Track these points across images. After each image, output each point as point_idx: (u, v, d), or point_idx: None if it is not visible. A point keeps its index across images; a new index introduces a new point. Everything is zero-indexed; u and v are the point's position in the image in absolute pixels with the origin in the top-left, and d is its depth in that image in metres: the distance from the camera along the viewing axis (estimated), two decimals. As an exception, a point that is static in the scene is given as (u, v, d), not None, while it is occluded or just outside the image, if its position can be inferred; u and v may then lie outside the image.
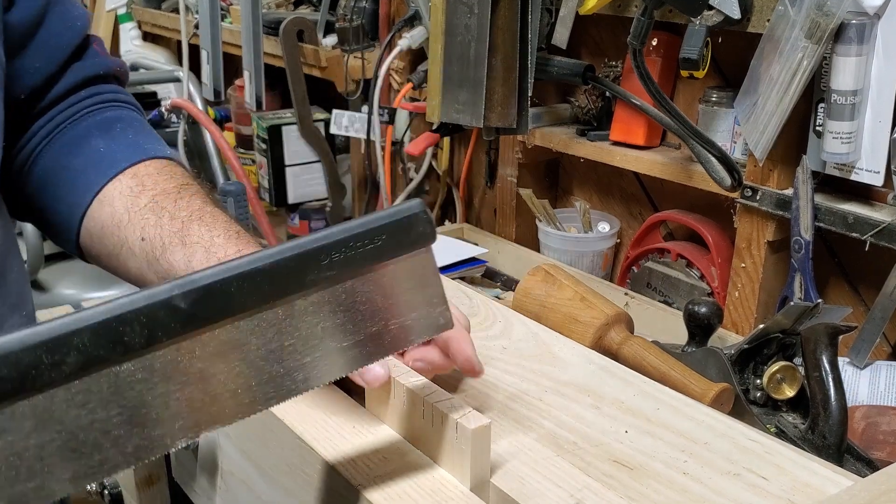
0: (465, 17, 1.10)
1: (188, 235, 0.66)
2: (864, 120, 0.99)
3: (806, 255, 1.05)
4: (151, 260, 0.66)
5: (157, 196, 0.68)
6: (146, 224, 0.67)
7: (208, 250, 0.64)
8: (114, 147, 0.72)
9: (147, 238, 0.67)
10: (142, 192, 0.69)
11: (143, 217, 0.67)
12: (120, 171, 0.70)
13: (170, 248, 0.65)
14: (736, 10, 1.02)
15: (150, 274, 0.68)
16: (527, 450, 0.60)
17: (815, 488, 0.56)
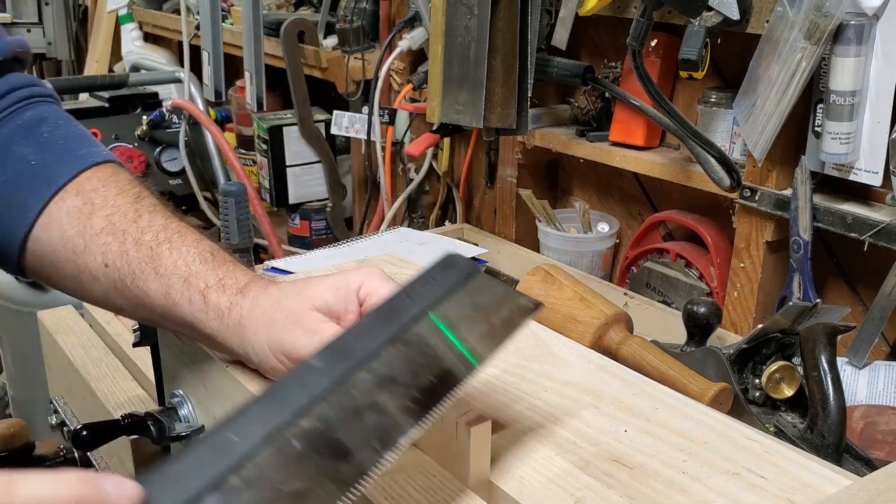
0: (465, 18, 1.11)
1: (160, 264, 0.63)
2: (863, 120, 0.99)
3: (805, 256, 1.05)
4: (121, 287, 0.64)
5: (111, 217, 0.64)
6: (108, 250, 0.64)
7: (187, 280, 0.63)
8: (46, 158, 0.65)
9: (112, 265, 0.64)
10: (92, 212, 0.64)
11: (103, 242, 0.64)
12: (59, 187, 0.65)
13: (141, 277, 0.63)
14: (735, 11, 1.02)
15: (119, 300, 0.65)
16: (527, 449, 0.60)
17: (814, 488, 0.56)
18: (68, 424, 0.97)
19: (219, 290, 0.63)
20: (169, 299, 0.63)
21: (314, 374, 0.48)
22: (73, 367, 1.01)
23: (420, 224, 1.74)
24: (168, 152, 2.04)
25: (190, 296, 0.63)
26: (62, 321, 1.11)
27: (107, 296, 0.65)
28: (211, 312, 0.63)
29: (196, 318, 0.63)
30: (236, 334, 0.62)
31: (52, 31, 3.15)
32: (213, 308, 0.63)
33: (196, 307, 0.63)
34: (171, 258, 0.63)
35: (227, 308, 0.62)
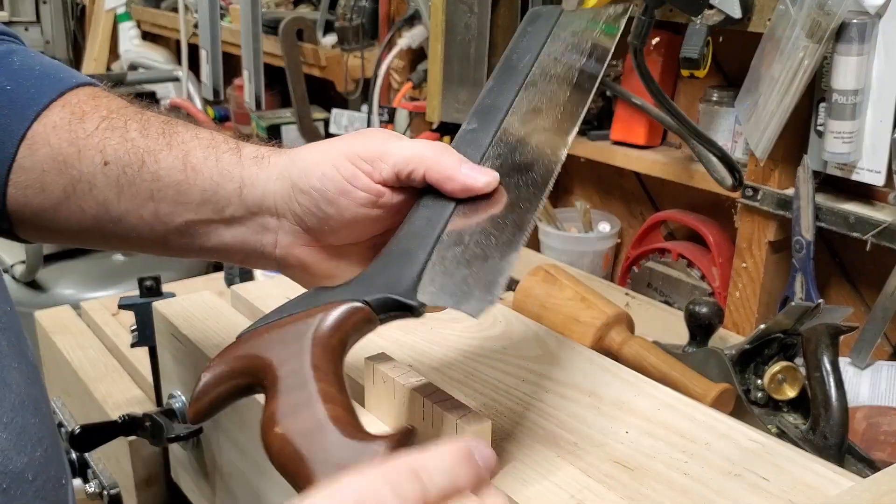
0: (465, 16, 1.10)
1: (176, 135, 0.54)
2: (866, 119, 0.98)
3: (807, 255, 1.04)
4: (125, 183, 0.54)
5: (109, 115, 0.56)
6: (107, 145, 0.54)
7: (212, 143, 0.54)
8: (22, 83, 0.56)
9: (113, 160, 0.54)
10: (84, 117, 0.56)
11: (101, 139, 0.54)
12: (42, 107, 0.56)
13: (151, 158, 0.54)
14: (737, 10, 1.02)
15: (119, 205, 0.55)
16: (527, 450, 0.60)
17: (816, 489, 0.56)
18: (66, 425, 0.97)
19: (256, 144, 0.56)
20: (188, 168, 0.53)
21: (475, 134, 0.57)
22: (70, 368, 1.00)
23: (420, 223, 1.73)
24: (167, 151, 2.03)
25: (217, 155, 0.54)
26: (60, 321, 1.11)
27: (107, 206, 0.55)
28: (246, 159, 0.54)
29: (223, 177, 0.53)
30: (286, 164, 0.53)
31: (50, 30, 3.15)
32: (250, 154, 0.54)
33: (225, 162, 0.54)
34: (187, 130, 0.55)
35: (269, 152, 0.55)
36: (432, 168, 0.52)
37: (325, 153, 0.53)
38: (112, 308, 1.10)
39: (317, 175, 0.52)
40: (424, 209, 0.52)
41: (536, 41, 0.63)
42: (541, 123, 0.60)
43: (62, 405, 1.03)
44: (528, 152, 0.57)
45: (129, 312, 0.82)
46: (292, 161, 0.54)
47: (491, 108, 0.59)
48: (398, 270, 0.47)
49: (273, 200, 0.54)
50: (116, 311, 1.08)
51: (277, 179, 0.53)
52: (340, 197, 0.52)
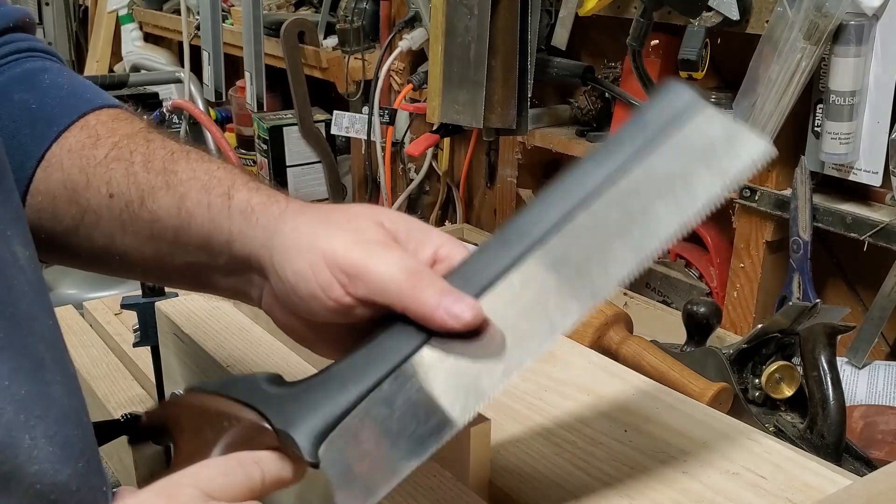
0: (465, 18, 1.11)
1: (173, 176, 0.53)
2: (863, 120, 0.99)
3: (804, 255, 1.05)
4: (127, 220, 0.53)
5: (119, 142, 0.55)
6: (112, 177, 0.53)
7: (206, 186, 0.52)
8: (48, 101, 0.56)
9: (117, 194, 0.53)
10: (97, 142, 0.55)
11: (108, 170, 0.54)
12: (63, 128, 0.55)
13: (151, 196, 0.53)
14: (735, 12, 1.02)
15: (124, 238, 0.54)
16: (527, 449, 0.60)
17: (814, 487, 0.56)
18: (68, 424, 0.97)
19: (248, 190, 0.52)
20: (183, 212, 0.52)
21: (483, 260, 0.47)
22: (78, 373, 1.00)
23: (420, 224, 1.74)
24: (168, 152, 2.04)
25: (209, 200, 0.51)
26: (62, 321, 1.10)
27: (113, 240, 0.54)
28: (235, 210, 0.51)
29: (214, 226, 0.51)
30: (269, 236, 0.50)
31: (53, 31, 3.15)
32: (239, 205, 0.51)
33: (216, 210, 0.51)
34: (187, 168, 0.53)
35: (259, 205, 0.51)
36: (409, 307, 0.46)
37: (305, 245, 0.48)
38: (114, 308, 1.10)
39: (291, 269, 0.48)
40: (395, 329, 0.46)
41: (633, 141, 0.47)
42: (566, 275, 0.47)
43: (65, 405, 1.03)
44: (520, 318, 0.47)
45: (132, 312, 0.82)
46: (276, 233, 0.50)
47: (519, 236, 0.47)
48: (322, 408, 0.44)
49: (258, 264, 0.51)
50: (119, 310, 1.08)
51: (262, 247, 0.50)
52: (311, 300, 0.48)
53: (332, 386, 0.45)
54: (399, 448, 0.44)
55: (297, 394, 0.45)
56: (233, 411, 0.44)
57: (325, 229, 0.48)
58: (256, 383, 0.46)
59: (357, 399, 0.44)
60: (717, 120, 0.47)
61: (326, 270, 0.47)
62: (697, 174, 0.46)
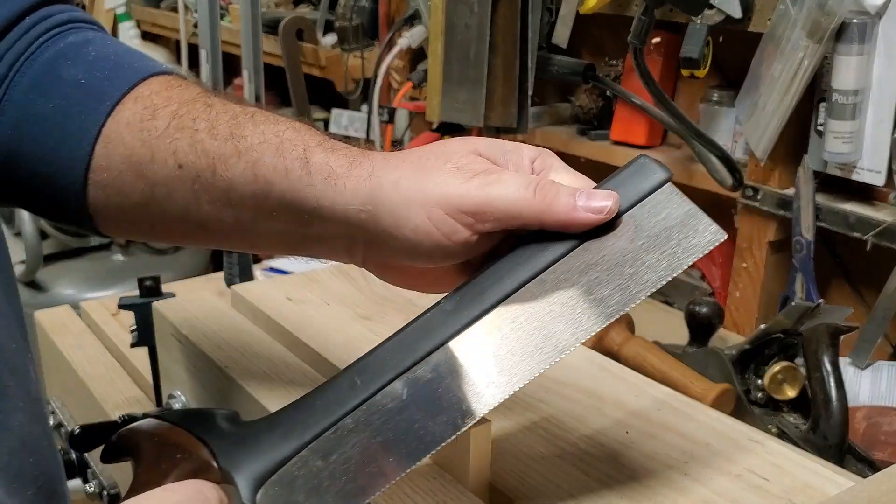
0: (465, 16, 1.10)
1: (243, 141, 0.51)
2: (866, 119, 0.98)
3: (807, 255, 1.04)
4: (201, 188, 0.51)
5: (178, 110, 0.53)
6: (178, 147, 0.52)
7: (279, 148, 0.50)
8: (97, 74, 0.55)
9: (186, 164, 0.51)
10: (156, 113, 0.53)
11: (172, 140, 0.52)
12: (116, 101, 0.54)
13: (223, 164, 0.51)
14: (737, 9, 1.02)
15: (200, 208, 0.52)
16: (527, 450, 0.60)
17: (817, 489, 0.56)
18: (65, 425, 0.97)
19: (325, 150, 0.50)
20: (260, 179, 0.50)
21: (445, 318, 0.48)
22: (69, 368, 1.00)
23: (420, 223, 1.73)
24: (167, 151, 2.04)
25: (286, 165, 0.49)
26: (59, 321, 1.11)
27: (188, 210, 0.52)
28: (317, 176, 0.49)
29: (297, 193, 0.49)
30: (367, 199, 0.48)
31: (51, 30, 3.14)
32: (320, 170, 0.49)
33: (294, 176, 0.49)
34: (255, 131, 0.51)
35: (341, 168, 0.49)
36: (546, 219, 0.46)
37: (414, 199, 0.47)
38: (112, 308, 1.10)
39: (409, 227, 0.47)
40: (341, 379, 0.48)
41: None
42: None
43: (62, 405, 1.03)
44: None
45: (129, 312, 0.82)
46: (375, 195, 0.48)
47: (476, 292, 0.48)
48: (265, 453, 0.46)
49: (360, 228, 0.49)
50: (116, 311, 1.07)
51: (361, 211, 0.48)
52: (435, 250, 0.47)
53: (277, 432, 0.47)
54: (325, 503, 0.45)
55: (247, 435, 0.47)
56: (188, 445, 0.46)
57: (429, 178, 0.47)
58: (214, 419, 0.48)
59: (297, 448, 0.46)
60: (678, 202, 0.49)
61: (448, 218, 0.46)
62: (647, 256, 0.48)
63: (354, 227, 0.49)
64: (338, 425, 0.47)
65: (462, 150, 0.48)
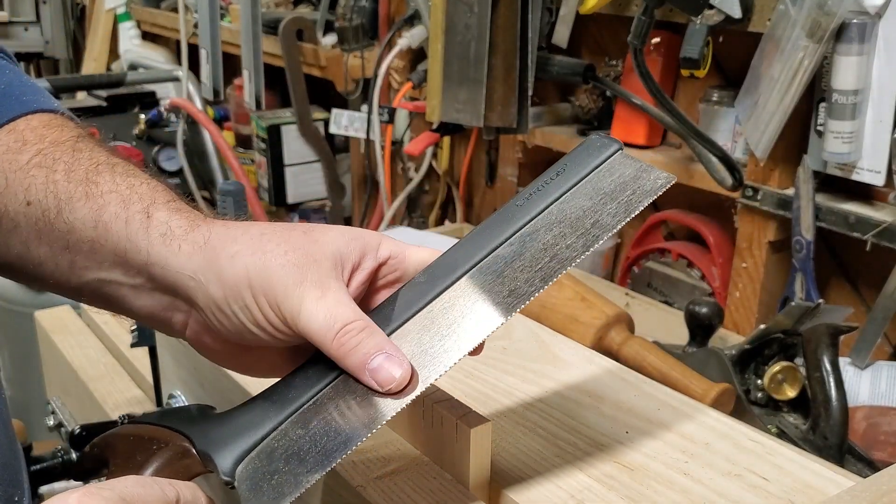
0: (465, 16, 1.10)
1: (94, 187, 0.51)
2: (866, 119, 0.98)
3: (807, 255, 1.04)
4: (42, 228, 0.51)
5: (45, 149, 0.53)
6: (32, 183, 0.52)
7: (127, 200, 0.50)
8: None
9: (35, 202, 0.51)
10: (23, 147, 0.53)
11: (28, 176, 0.52)
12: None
13: (68, 206, 0.51)
14: (737, 10, 1.02)
15: (39, 248, 0.52)
16: (527, 450, 0.60)
17: (817, 489, 0.56)
18: (66, 425, 0.97)
19: (169, 210, 0.50)
20: (100, 225, 0.50)
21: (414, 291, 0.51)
22: (70, 368, 1.00)
23: (420, 223, 1.74)
24: (166, 151, 2.04)
25: (127, 215, 0.50)
26: (59, 321, 1.11)
27: (25, 246, 0.53)
28: (154, 232, 0.49)
29: (131, 244, 0.50)
30: (200, 268, 0.49)
31: (50, 30, 3.14)
32: (158, 228, 0.49)
33: (133, 228, 0.50)
34: (110, 180, 0.51)
35: (180, 229, 0.49)
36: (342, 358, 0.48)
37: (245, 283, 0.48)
38: (112, 308, 1.10)
39: (238, 304, 0.48)
40: (318, 357, 0.49)
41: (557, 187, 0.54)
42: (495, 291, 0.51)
43: (62, 405, 1.03)
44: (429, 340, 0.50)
45: (129, 312, 0.82)
46: (209, 265, 0.48)
47: (451, 267, 0.52)
48: (243, 433, 0.47)
49: (186, 294, 0.50)
50: (116, 311, 1.07)
51: (191, 279, 0.49)
52: (255, 330, 0.48)
53: (255, 412, 0.48)
54: (306, 463, 0.46)
55: (223, 420, 0.48)
56: (162, 436, 0.48)
57: (264, 264, 0.48)
58: (189, 412, 0.50)
59: (276, 425, 0.47)
60: (630, 163, 0.54)
61: (271, 312, 0.48)
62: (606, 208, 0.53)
63: (182, 292, 0.50)
64: (318, 396, 0.48)
65: (301, 247, 0.49)
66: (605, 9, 1.18)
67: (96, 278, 0.52)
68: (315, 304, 0.47)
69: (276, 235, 0.49)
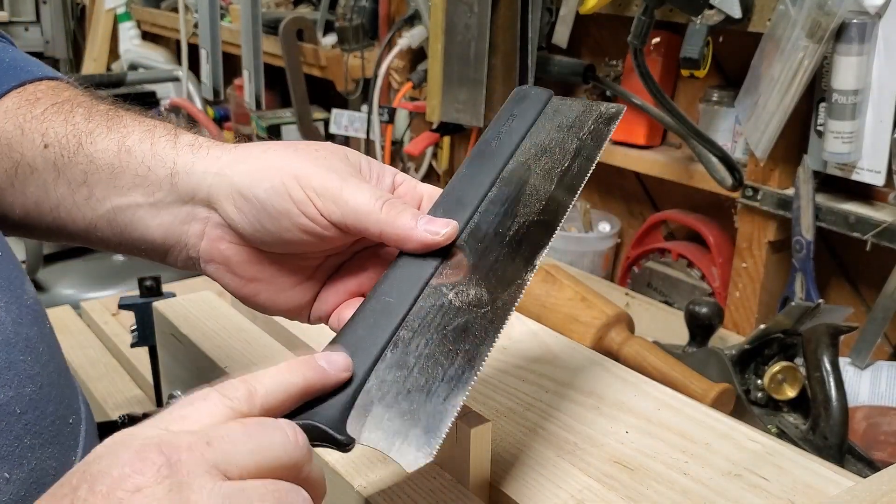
0: (465, 16, 1.10)
1: (118, 119, 0.53)
2: (866, 119, 0.98)
3: (807, 255, 1.04)
4: (61, 166, 0.53)
5: (61, 102, 0.55)
6: (49, 127, 0.53)
7: (151, 129, 0.52)
8: None
9: (52, 143, 0.53)
10: (36, 102, 0.55)
11: (45, 121, 0.53)
12: (1, 94, 0.56)
13: (88, 140, 0.52)
14: (737, 10, 1.02)
15: (56, 189, 0.53)
16: (527, 450, 0.60)
17: (817, 489, 0.56)
18: (65, 424, 0.97)
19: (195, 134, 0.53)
20: (122, 151, 0.52)
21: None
22: (70, 368, 1.00)
23: (420, 223, 1.73)
24: (167, 151, 2.04)
25: (153, 139, 0.52)
26: (59, 321, 1.11)
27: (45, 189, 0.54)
28: (182, 144, 0.52)
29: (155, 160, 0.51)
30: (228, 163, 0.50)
31: (50, 30, 3.15)
32: (187, 140, 0.52)
33: (159, 146, 0.52)
34: (128, 117, 0.53)
35: (207, 142, 0.52)
36: (386, 231, 0.48)
37: (276, 165, 0.49)
38: (112, 308, 1.10)
39: (263, 186, 0.49)
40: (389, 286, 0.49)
41: (520, 126, 0.57)
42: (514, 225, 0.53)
43: (62, 405, 1.03)
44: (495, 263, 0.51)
45: (129, 312, 0.82)
46: (236, 160, 0.50)
47: (459, 202, 0.52)
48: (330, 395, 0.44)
49: (207, 192, 0.51)
50: (116, 311, 1.08)
51: (217, 174, 0.50)
52: (283, 217, 0.49)
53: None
54: (436, 394, 0.45)
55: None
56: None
57: (296, 156, 0.50)
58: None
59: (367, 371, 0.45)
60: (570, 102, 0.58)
61: (301, 189, 0.48)
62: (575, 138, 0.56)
63: (203, 194, 0.51)
64: (394, 338, 0.47)
65: (332, 151, 0.51)
66: (605, 9, 1.18)
67: (112, 207, 0.53)
68: (356, 184, 0.49)
69: (308, 144, 0.51)
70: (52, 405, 0.49)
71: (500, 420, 0.63)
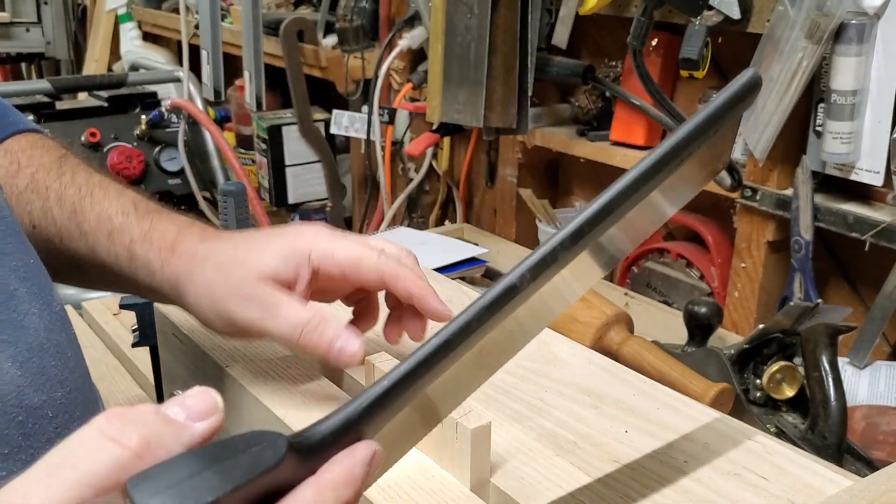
0: (465, 17, 1.10)
1: (83, 222, 0.60)
2: (864, 120, 0.99)
3: (806, 255, 1.04)
4: (51, 249, 0.61)
5: (35, 174, 0.62)
6: (32, 209, 0.61)
7: (111, 236, 0.59)
8: None
9: (39, 226, 0.61)
10: (18, 171, 0.62)
11: (27, 202, 0.61)
12: None
13: (68, 237, 0.60)
14: (736, 11, 1.02)
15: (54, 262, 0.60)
16: (527, 450, 0.60)
17: (815, 488, 0.56)
18: (67, 425, 0.97)
19: (145, 245, 0.59)
20: (97, 258, 0.59)
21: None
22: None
23: (420, 224, 1.74)
24: (167, 152, 2.04)
25: (116, 252, 0.59)
26: (61, 321, 1.11)
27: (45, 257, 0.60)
28: (141, 269, 0.59)
29: (129, 274, 0.60)
30: (173, 292, 0.58)
31: (51, 31, 3.14)
32: (143, 264, 0.59)
33: (124, 263, 0.59)
34: (92, 213, 0.60)
35: (158, 266, 0.58)
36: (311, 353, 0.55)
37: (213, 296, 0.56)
38: (113, 308, 1.10)
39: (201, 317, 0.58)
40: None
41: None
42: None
43: (63, 405, 1.03)
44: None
45: (131, 312, 0.82)
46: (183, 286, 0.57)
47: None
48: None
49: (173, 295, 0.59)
50: (118, 310, 1.08)
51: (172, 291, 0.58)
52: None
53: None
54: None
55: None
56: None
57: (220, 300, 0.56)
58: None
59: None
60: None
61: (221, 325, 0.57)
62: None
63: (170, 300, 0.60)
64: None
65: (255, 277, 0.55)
66: (605, 10, 1.18)
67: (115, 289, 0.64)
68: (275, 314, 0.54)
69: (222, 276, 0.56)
70: (80, 409, 0.52)
71: (500, 420, 0.64)
